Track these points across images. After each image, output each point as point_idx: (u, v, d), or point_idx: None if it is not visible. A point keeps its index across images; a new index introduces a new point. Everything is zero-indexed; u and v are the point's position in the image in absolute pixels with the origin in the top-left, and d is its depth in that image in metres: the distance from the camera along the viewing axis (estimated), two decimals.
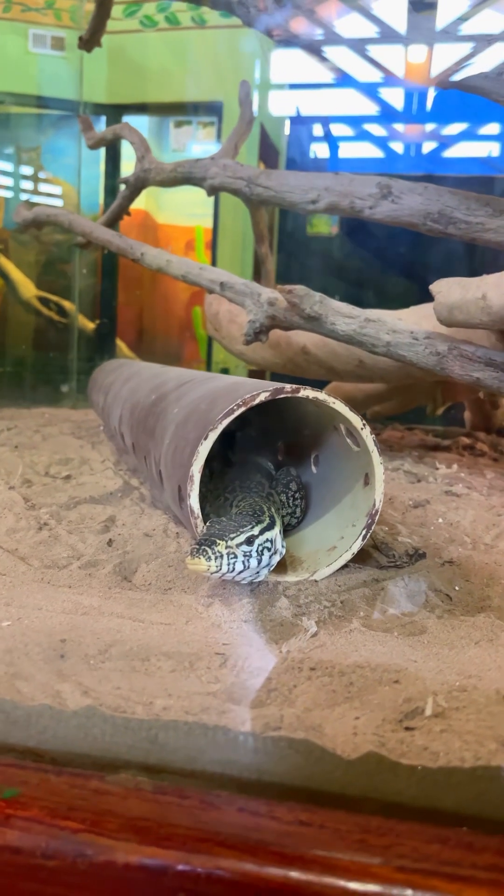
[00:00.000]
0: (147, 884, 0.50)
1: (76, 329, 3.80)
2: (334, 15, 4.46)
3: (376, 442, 0.92)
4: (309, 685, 0.68)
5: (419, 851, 0.51)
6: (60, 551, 0.99)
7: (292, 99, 4.65)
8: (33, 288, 4.06)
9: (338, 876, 0.49)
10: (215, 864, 0.50)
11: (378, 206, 1.82)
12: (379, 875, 0.49)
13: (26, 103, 3.93)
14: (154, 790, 0.56)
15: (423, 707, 0.63)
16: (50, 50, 3.83)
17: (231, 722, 0.59)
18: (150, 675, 0.68)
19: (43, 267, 4.17)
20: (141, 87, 3.83)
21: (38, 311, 4.00)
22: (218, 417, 0.87)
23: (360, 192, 1.85)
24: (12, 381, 3.67)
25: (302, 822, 0.53)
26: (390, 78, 4.42)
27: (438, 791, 0.56)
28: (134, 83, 3.81)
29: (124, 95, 3.84)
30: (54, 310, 4.01)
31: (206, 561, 0.78)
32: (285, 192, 1.97)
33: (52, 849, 0.51)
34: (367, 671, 0.70)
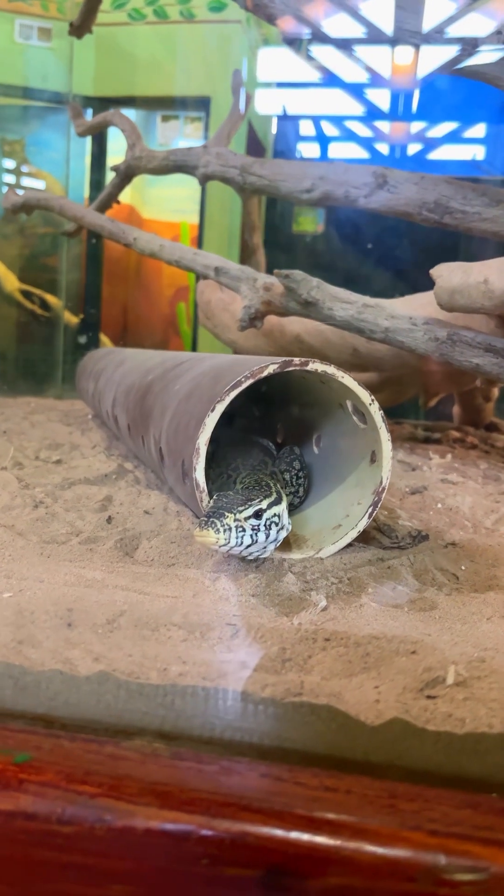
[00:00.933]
0: (169, 850, 0.48)
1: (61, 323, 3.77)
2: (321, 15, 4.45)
3: (384, 418, 0.91)
4: (324, 655, 0.66)
5: (451, 816, 0.49)
6: (59, 528, 0.97)
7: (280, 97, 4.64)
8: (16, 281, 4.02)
9: (368, 841, 0.47)
10: (241, 829, 0.48)
11: (373, 195, 1.81)
12: (411, 840, 0.47)
13: (11, 94, 3.89)
14: (172, 756, 0.54)
15: (444, 676, 0.62)
16: (37, 41, 3.79)
17: (251, 687, 0.57)
18: (161, 643, 0.65)
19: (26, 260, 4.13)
20: (129, 80, 3.80)
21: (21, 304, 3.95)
22: (225, 389, 0.85)
23: (356, 181, 1.84)
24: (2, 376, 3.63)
25: (328, 788, 0.51)
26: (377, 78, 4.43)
27: (466, 758, 0.55)
28: (122, 76, 3.79)
29: (112, 88, 3.81)
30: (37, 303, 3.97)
31: (214, 533, 0.76)
32: (279, 180, 1.96)
33: (69, 814, 0.49)
34: (382, 642, 0.68)
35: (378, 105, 4.61)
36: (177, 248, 1.73)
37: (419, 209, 1.73)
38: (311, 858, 0.47)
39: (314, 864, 0.47)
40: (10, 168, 4.19)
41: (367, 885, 0.47)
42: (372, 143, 4.80)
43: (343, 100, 4.82)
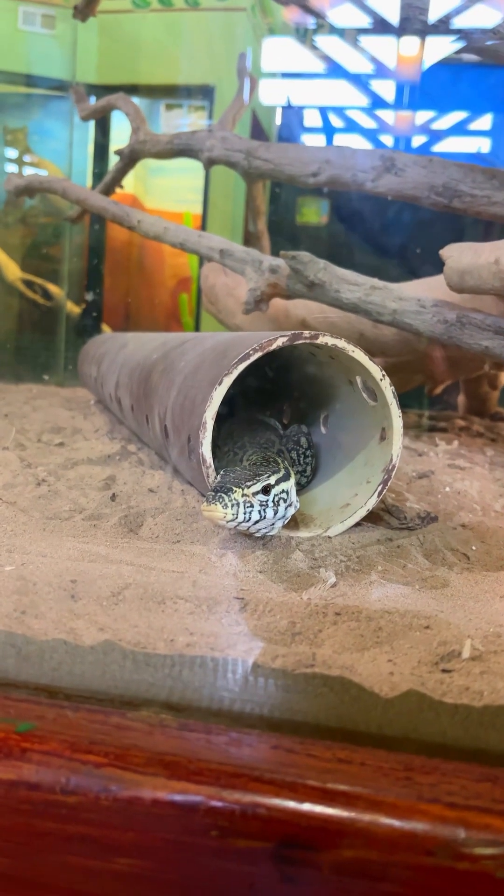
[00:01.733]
0: (177, 821, 0.46)
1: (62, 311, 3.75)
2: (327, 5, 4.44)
3: (395, 394, 0.89)
4: (335, 629, 0.64)
5: (469, 790, 0.47)
6: (62, 504, 0.95)
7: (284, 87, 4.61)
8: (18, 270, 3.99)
9: (384, 813, 0.46)
10: (251, 800, 0.46)
11: (381, 178, 1.79)
12: (429, 813, 0.46)
13: (14, 82, 3.86)
14: (180, 727, 0.52)
15: (460, 650, 0.60)
16: (40, 28, 3.76)
17: (261, 659, 0.55)
18: (167, 615, 0.64)
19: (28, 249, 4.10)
20: (132, 68, 3.77)
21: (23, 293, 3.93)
22: (233, 362, 0.83)
23: (363, 164, 1.81)
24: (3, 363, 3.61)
25: (341, 760, 0.50)
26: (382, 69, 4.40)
27: (484, 731, 0.53)
28: (125, 64, 3.76)
29: (115, 76, 3.78)
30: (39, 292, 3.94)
31: (222, 508, 0.75)
32: (285, 164, 1.94)
33: (74, 784, 0.47)
34: (395, 617, 0.66)
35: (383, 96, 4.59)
36: (181, 231, 1.71)
37: (427, 193, 1.71)
38: (325, 830, 0.45)
39: (328, 837, 0.45)
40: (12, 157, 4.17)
41: (383, 859, 0.45)
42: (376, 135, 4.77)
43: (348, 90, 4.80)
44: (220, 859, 0.46)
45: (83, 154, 4.01)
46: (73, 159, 3.95)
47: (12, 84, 3.90)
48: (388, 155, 1.79)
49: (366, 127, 4.72)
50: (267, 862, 0.46)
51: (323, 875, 0.45)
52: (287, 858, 0.46)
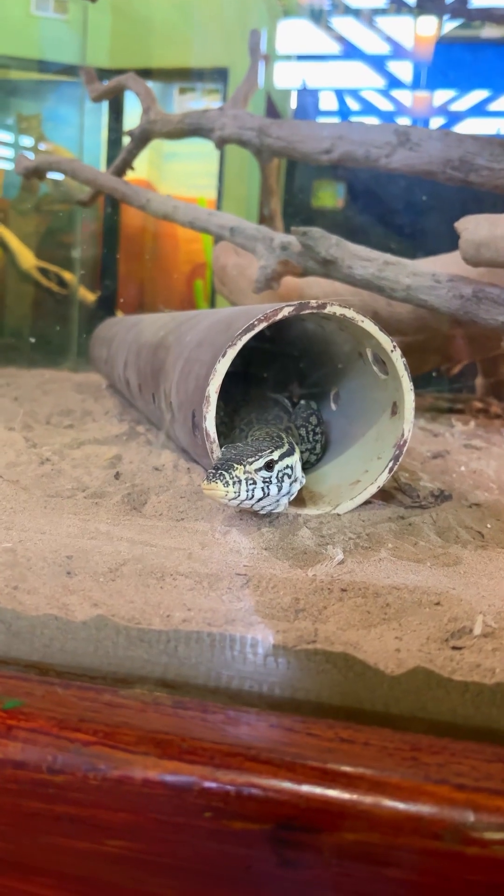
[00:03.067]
0: (169, 801, 0.44)
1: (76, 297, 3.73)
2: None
3: (407, 366, 0.86)
4: (341, 606, 0.61)
5: (480, 770, 0.45)
6: (64, 483, 0.93)
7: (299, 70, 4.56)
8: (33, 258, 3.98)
9: (388, 795, 0.43)
10: (247, 780, 0.44)
11: (395, 154, 1.75)
12: (436, 795, 0.43)
13: (27, 68, 3.84)
14: (174, 705, 0.49)
15: (472, 626, 0.57)
16: (52, 13, 3.73)
17: (260, 634, 0.53)
18: (166, 591, 0.61)
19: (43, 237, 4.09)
20: (145, 52, 3.73)
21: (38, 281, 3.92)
22: (237, 333, 0.80)
23: (377, 140, 1.77)
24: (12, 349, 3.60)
25: (343, 740, 0.47)
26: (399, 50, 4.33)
27: (497, 709, 0.50)
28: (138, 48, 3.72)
29: (128, 60, 3.74)
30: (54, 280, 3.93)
31: (223, 486, 0.71)
32: (297, 142, 1.90)
33: (61, 762, 0.45)
34: (404, 593, 0.63)
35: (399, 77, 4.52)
36: (191, 209, 1.68)
37: (443, 167, 1.66)
38: (326, 812, 0.43)
39: (328, 819, 0.43)
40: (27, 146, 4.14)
41: (387, 842, 0.42)
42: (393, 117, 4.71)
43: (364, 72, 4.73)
44: (215, 842, 0.44)
45: (97, 139, 3.98)
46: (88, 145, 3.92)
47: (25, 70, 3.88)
48: (402, 129, 1.74)
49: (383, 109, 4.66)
50: (264, 845, 0.43)
51: (324, 859, 0.43)
52: (285, 841, 0.43)
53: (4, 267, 3.98)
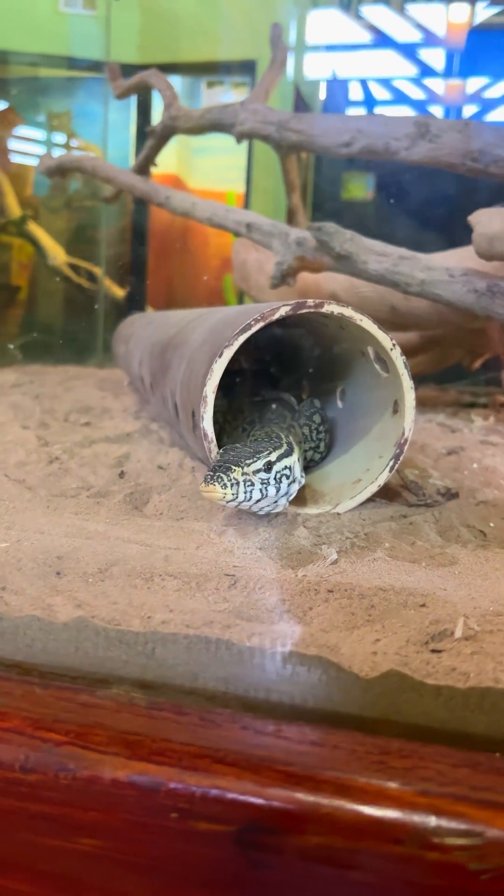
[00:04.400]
0: (137, 801, 0.45)
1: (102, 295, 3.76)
2: None
3: (406, 364, 0.85)
4: (326, 607, 0.62)
5: (446, 776, 0.45)
6: (70, 482, 0.94)
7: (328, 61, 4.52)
8: (63, 254, 4.02)
9: (351, 799, 0.43)
10: (212, 782, 0.44)
11: (415, 146, 1.73)
12: (398, 799, 0.43)
13: (57, 65, 3.87)
14: (149, 705, 0.50)
15: (453, 629, 0.57)
16: (81, 9, 3.75)
17: (236, 636, 0.53)
18: (152, 592, 0.62)
19: (73, 233, 4.13)
20: (173, 47, 3.74)
21: (68, 277, 3.96)
22: (234, 333, 0.81)
23: (397, 132, 1.76)
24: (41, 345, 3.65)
25: (313, 742, 0.47)
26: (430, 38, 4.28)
27: (470, 714, 0.50)
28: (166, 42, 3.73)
29: (156, 55, 3.75)
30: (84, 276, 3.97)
31: (220, 488, 0.71)
32: (317, 135, 1.89)
33: (33, 761, 0.46)
34: (390, 594, 0.63)
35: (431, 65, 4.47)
36: (209, 205, 1.69)
37: (463, 159, 1.64)
38: (289, 815, 0.43)
39: (292, 822, 0.43)
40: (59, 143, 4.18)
41: (350, 846, 0.43)
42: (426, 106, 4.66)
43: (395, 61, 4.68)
44: (182, 842, 0.45)
45: (125, 135, 4.00)
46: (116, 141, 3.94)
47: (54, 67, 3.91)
48: (422, 121, 1.73)
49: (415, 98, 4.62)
50: (230, 845, 0.44)
51: (288, 861, 0.43)
52: (251, 843, 0.44)
53: (35, 263, 4.03)
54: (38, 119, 4.16)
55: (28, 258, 4.08)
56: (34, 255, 4.04)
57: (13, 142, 4.12)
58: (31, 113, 4.12)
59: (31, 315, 4.02)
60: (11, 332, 4.08)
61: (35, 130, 4.20)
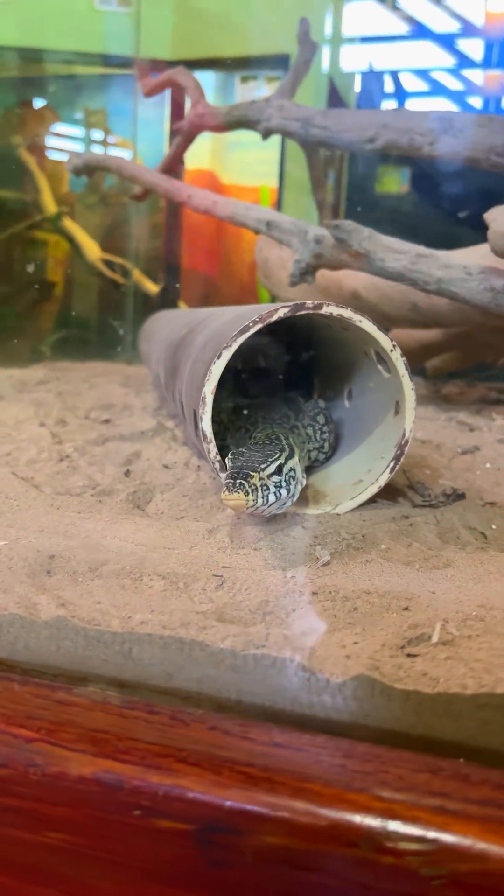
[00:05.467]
0: (102, 798, 0.46)
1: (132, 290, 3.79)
2: None
3: (407, 365, 0.85)
4: (308, 609, 0.62)
5: (405, 780, 0.45)
6: (76, 480, 0.96)
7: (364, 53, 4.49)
8: (98, 250, 4.06)
9: (308, 801, 0.44)
10: (174, 781, 0.45)
11: (438, 141, 1.72)
12: (355, 802, 0.44)
13: (92, 62, 3.90)
14: (122, 704, 0.51)
15: (430, 634, 0.57)
16: (116, 6, 3.78)
17: (210, 638, 0.54)
18: (137, 592, 0.63)
19: (107, 229, 4.17)
20: (206, 42, 3.74)
21: (102, 273, 4.00)
22: (232, 335, 0.81)
23: (420, 127, 1.75)
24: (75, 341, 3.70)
25: (277, 744, 0.48)
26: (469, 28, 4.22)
27: (438, 719, 0.50)
28: (199, 38, 3.73)
29: (189, 51, 3.76)
30: (119, 272, 4.00)
31: (244, 495, 0.71)
32: (342, 131, 1.89)
33: (3, 757, 0.47)
34: (374, 597, 0.64)
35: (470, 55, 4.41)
36: (230, 204, 1.69)
37: (487, 153, 1.63)
38: (247, 816, 0.44)
39: (250, 822, 0.44)
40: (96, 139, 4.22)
41: (305, 847, 0.43)
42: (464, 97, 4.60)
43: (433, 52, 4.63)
44: (145, 839, 0.46)
45: (160, 132, 4.02)
46: (150, 137, 3.96)
47: (89, 65, 3.94)
48: (445, 116, 1.71)
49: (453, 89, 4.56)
50: (191, 844, 0.45)
51: (246, 860, 0.44)
52: (210, 842, 0.45)
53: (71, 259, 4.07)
54: (74, 116, 4.20)
55: (64, 254, 4.13)
56: (70, 252, 4.09)
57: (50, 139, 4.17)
58: (67, 110, 4.16)
59: (66, 311, 4.07)
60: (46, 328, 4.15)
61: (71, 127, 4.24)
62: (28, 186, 4.06)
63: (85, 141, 4.23)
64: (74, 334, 3.90)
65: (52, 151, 4.16)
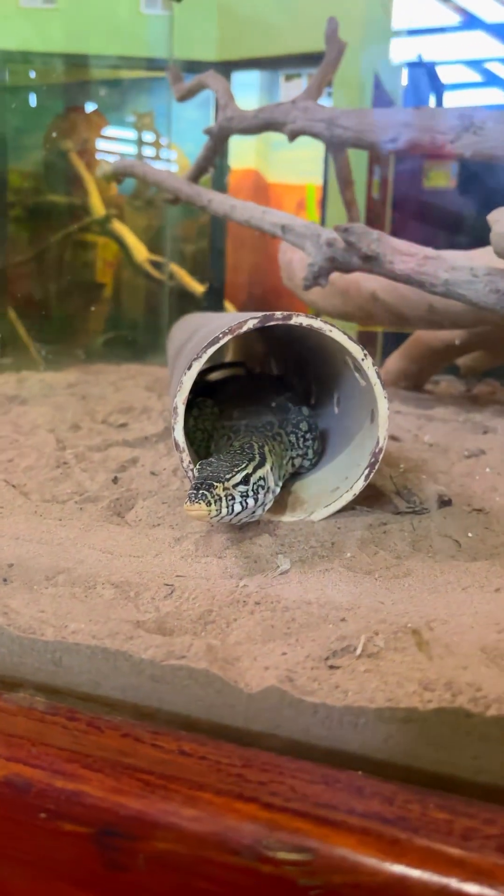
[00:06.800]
0: (11, 800, 0.48)
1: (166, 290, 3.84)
2: None
3: (379, 374, 0.85)
4: (249, 619, 0.64)
5: (297, 791, 0.46)
6: (66, 487, 0.99)
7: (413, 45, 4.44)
8: (146, 252, 4.12)
9: (198, 808, 0.46)
10: (76, 786, 0.47)
11: (460, 139, 1.70)
12: (241, 812, 0.45)
13: (138, 66, 3.95)
14: (46, 710, 0.54)
15: (357, 646, 0.58)
16: (161, 10, 3.82)
17: (134, 648, 0.56)
18: (85, 601, 0.66)
19: (156, 231, 4.22)
20: (250, 42, 3.75)
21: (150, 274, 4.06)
22: (203, 346, 0.83)
23: (442, 125, 1.73)
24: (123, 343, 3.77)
25: (183, 752, 0.50)
26: None
27: (346, 732, 0.51)
28: (243, 38, 3.75)
29: (233, 52, 3.78)
30: (166, 273, 4.05)
31: (206, 506, 0.73)
32: (365, 131, 1.88)
33: None
34: (314, 608, 0.65)
35: None
36: (247, 208, 1.71)
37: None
38: (140, 822, 0.46)
39: (143, 828, 0.46)
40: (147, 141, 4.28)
41: (192, 853, 0.45)
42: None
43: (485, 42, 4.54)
44: (51, 840, 0.48)
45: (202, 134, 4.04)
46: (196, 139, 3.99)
47: (135, 69, 3.99)
48: (466, 113, 1.69)
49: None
50: (91, 847, 0.47)
51: (140, 865, 0.46)
52: (108, 846, 0.47)
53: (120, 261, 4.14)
54: (122, 119, 4.26)
55: (113, 256, 4.21)
56: (118, 253, 4.16)
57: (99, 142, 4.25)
58: (114, 114, 4.23)
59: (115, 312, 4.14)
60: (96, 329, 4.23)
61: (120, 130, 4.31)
62: (78, 190, 4.14)
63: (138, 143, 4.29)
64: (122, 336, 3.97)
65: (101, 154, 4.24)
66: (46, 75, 4.06)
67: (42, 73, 4.05)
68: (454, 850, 0.42)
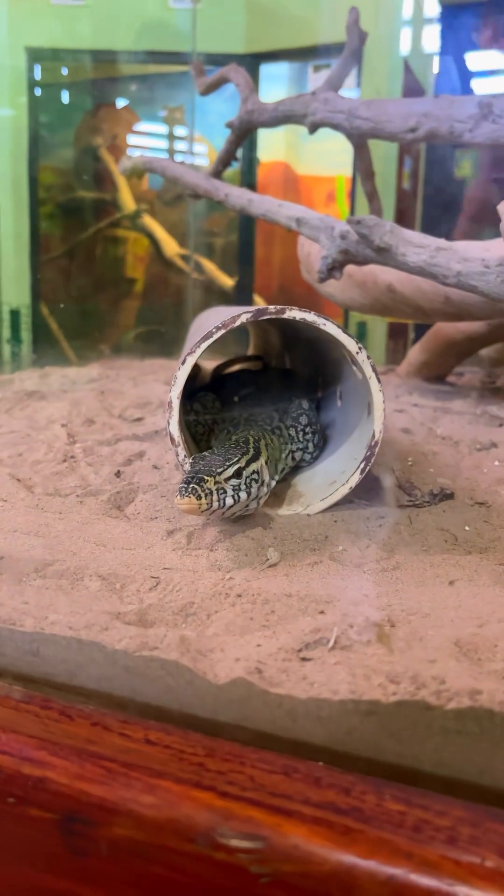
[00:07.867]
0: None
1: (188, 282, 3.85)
2: None
3: (374, 367, 0.85)
4: (230, 611, 0.64)
5: (255, 780, 0.47)
6: (70, 481, 1.00)
7: None
8: (176, 246, 4.14)
9: (156, 796, 0.46)
10: (42, 773, 0.49)
11: (478, 127, 1.68)
12: (198, 800, 0.46)
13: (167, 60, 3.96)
14: (21, 698, 0.55)
15: (330, 638, 0.58)
16: (189, 4, 3.82)
17: (108, 639, 0.57)
18: (68, 593, 0.67)
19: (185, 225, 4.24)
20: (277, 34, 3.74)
21: (181, 268, 4.08)
22: (196, 342, 0.84)
23: (460, 114, 1.70)
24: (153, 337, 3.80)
25: (148, 741, 0.51)
26: None
27: (310, 723, 0.52)
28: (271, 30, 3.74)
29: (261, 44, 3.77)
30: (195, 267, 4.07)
31: (196, 499, 0.74)
32: (384, 121, 1.86)
33: None
34: (293, 601, 0.65)
35: None
36: (264, 202, 1.70)
37: None
38: (100, 808, 0.47)
39: (104, 814, 0.47)
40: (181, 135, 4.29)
41: (149, 840, 0.46)
42: None
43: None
44: (18, 824, 0.49)
45: None
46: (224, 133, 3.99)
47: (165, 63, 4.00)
48: (485, 101, 1.66)
49: None
50: (56, 832, 0.48)
51: (101, 850, 0.47)
52: (71, 831, 0.48)
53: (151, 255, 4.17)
54: (152, 114, 4.28)
55: (144, 251, 4.23)
56: (149, 248, 4.19)
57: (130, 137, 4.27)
58: (145, 109, 4.25)
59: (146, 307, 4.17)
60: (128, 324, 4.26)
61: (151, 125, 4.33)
62: (108, 186, 4.17)
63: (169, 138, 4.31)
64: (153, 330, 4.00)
65: (131, 150, 4.26)
66: (76, 72, 4.10)
67: (72, 70, 4.08)
68: (403, 842, 0.42)
